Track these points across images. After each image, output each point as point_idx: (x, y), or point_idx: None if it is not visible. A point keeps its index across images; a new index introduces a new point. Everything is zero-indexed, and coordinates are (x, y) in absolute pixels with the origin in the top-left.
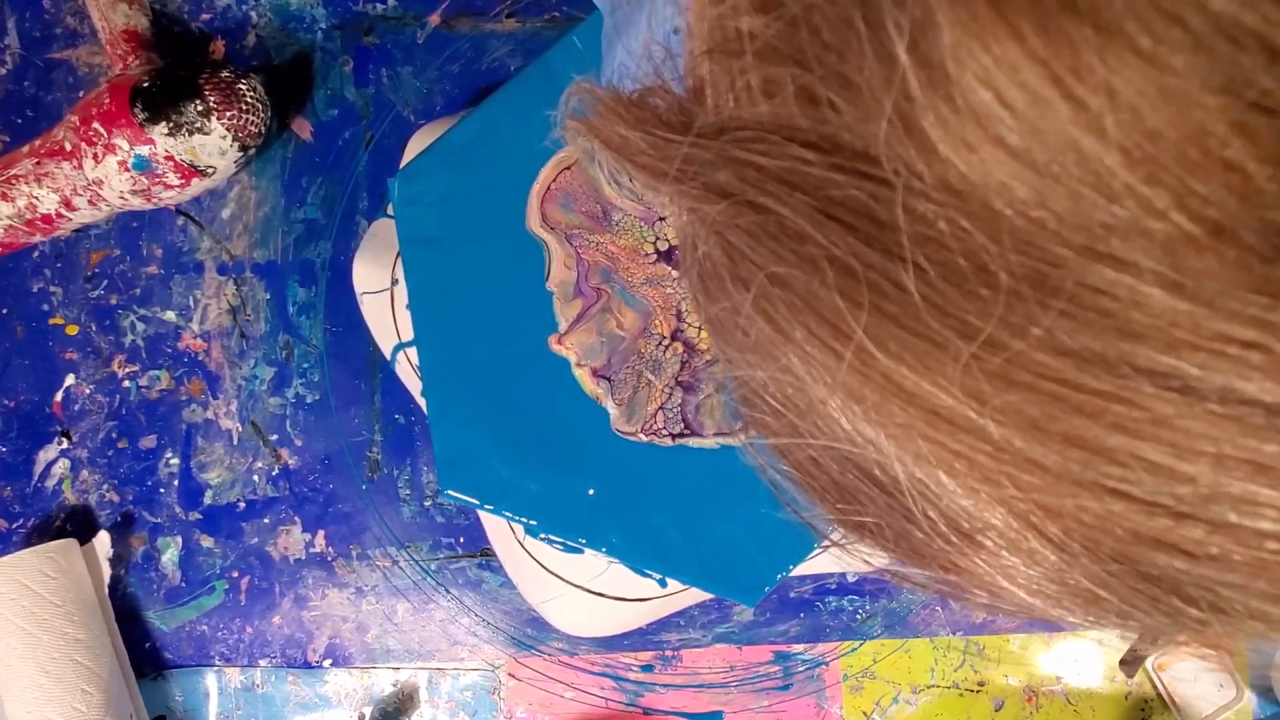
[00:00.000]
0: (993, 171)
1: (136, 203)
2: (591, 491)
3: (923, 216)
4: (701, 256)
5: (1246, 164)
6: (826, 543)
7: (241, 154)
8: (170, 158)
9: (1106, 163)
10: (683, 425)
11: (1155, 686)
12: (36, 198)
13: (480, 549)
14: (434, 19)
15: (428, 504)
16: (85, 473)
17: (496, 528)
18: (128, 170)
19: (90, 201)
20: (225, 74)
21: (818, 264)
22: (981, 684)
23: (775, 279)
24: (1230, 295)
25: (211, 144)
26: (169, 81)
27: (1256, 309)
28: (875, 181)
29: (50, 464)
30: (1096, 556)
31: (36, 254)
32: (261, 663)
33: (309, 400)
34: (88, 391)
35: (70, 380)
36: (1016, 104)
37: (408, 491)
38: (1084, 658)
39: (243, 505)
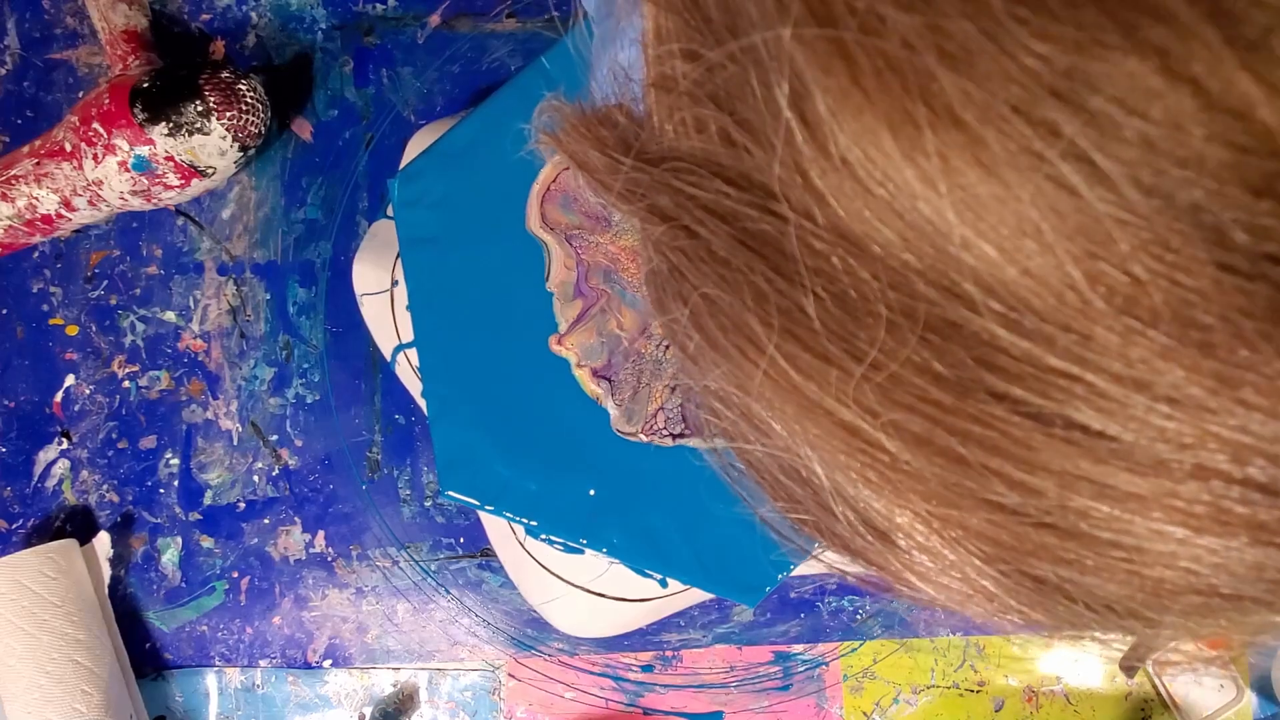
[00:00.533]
0: (867, 218)
1: (136, 203)
2: (592, 492)
3: (819, 252)
4: (652, 270)
5: (1056, 241)
6: (783, 541)
7: (241, 154)
8: (170, 158)
9: (949, 219)
10: (683, 425)
11: (1155, 687)
12: (36, 198)
13: (480, 549)
14: (434, 19)
15: (428, 504)
16: (85, 473)
17: (497, 528)
18: (128, 171)
19: (90, 202)
20: (225, 74)
21: (738, 286)
22: (981, 684)
23: (706, 298)
24: (1061, 334)
25: (211, 144)
26: (169, 82)
27: (1078, 347)
28: (779, 218)
29: (50, 464)
30: (988, 559)
31: (36, 254)
32: (261, 663)
33: (309, 400)
34: (88, 392)
35: (70, 380)
36: (879, 165)
37: (408, 492)
38: (1084, 658)
39: (243, 505)
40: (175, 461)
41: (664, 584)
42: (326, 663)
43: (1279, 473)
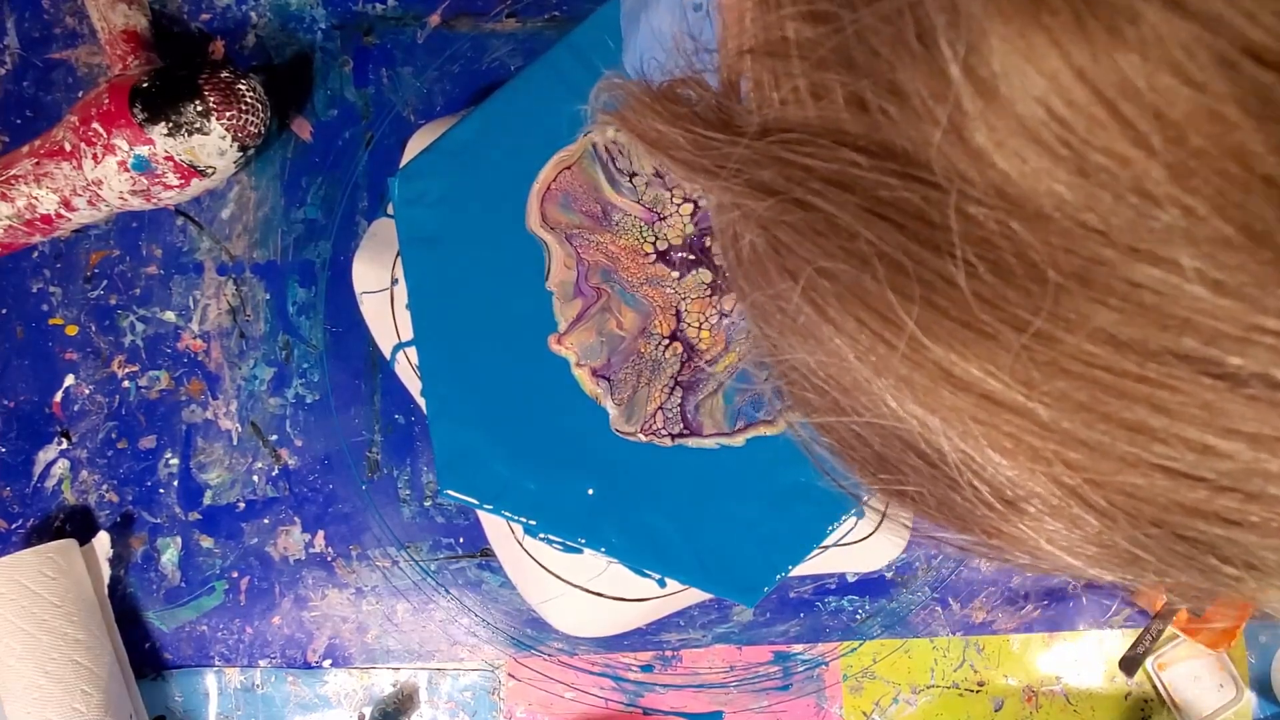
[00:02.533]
0: (1042, 179)
1: (136, 203)
2: (591, 491)
3: (973, 218)
4: (745, 246)
5: None
6: (869, 509)
7: (241, 154)
8: (170, 158)
9: (1152, 175)
10: (682, 425)
11: (1155, 686)
12: (36, 198)
13: (480, 549)
14: (434, 19)
15: (428, 504)
16: (85, 473)
17: (495, 527)
18: (127, 170)
19: (90, 202)
20: (225, 74)
21: (867, 259)
22: (981, 684)
23: (823, 272)
24: (1266, 292)
25: (211, 144)
26: (168, 82)
27: None
28: (926, 185)
29: (50, 464)
30: (1137, 522)
31: (36, 254)
32: (261, 663)
33: (309, 400)
34: (87, 392)
35: (70, 380)
36: (1066, 120)
37: (408, 492)
38: (1084, 658)
39: (242, 505)
40: (175, 461)
41: (662, 584)
42: (326, 663)
43: None
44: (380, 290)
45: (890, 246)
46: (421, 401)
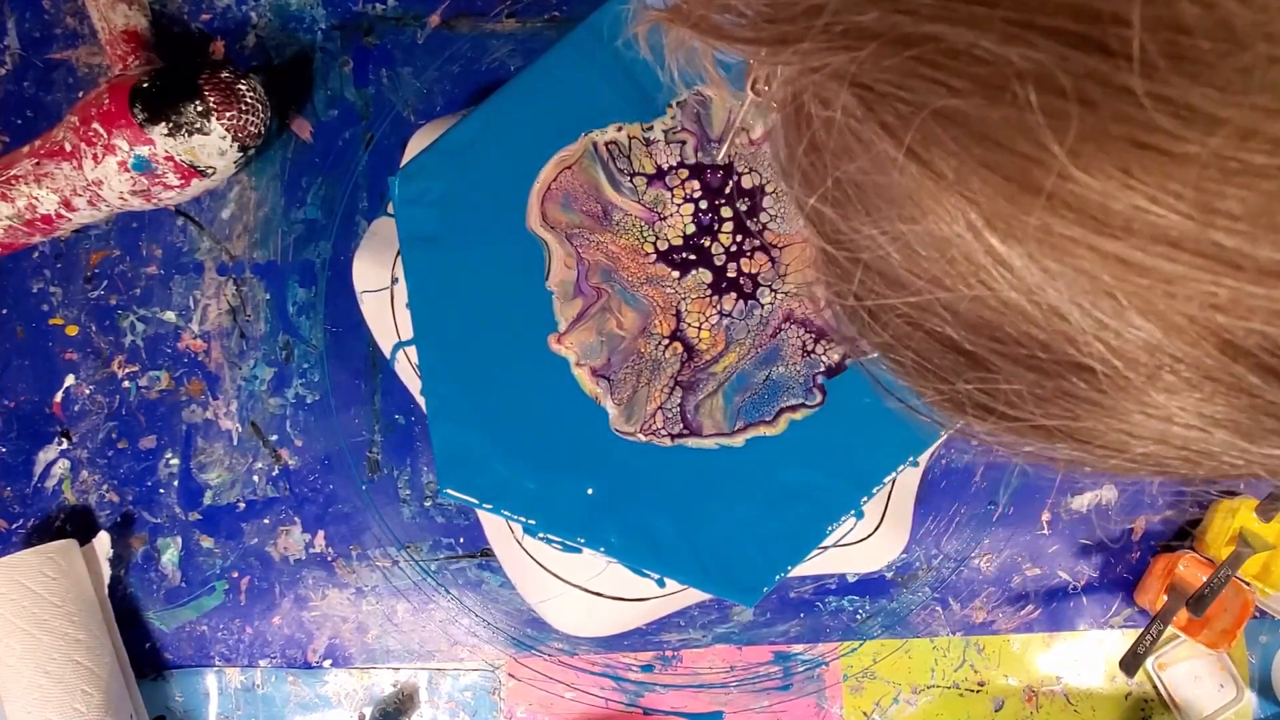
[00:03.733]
0: None
1: (136, 203)
2: (590, 491)
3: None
4: (823, 121)
5: None
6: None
7: (241, 154)
8: (170, 158)
9: None
10: (682, 425)
11: (1155, 686)
12: (36, 198)
13: (480, 549)
14: (434, 19)
15: (428, 504)
16: (85, 473)
17: (495, 527)
18: (127, 171)
19: (90, 202)
20: (225, 74)
21: (1003, 86)
22: (981, 684)
23: (941, 114)
24: None
25: (211, 144)
26: (168, 82)
27: None
28: None
29: (50, 464)
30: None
31: (36, 254)
32: (261, 663)
33: (309, 400)
34: (88, 392)
35: (70, 380)
36: None
37: (408, 492)
38: (1084, 658)
39: (243, 505)
40: (175, 461)
41: (661, 584)
42: (326, 663)
43: None
44: (380, 289)
45: (1040, 59)
46: (421, 401)
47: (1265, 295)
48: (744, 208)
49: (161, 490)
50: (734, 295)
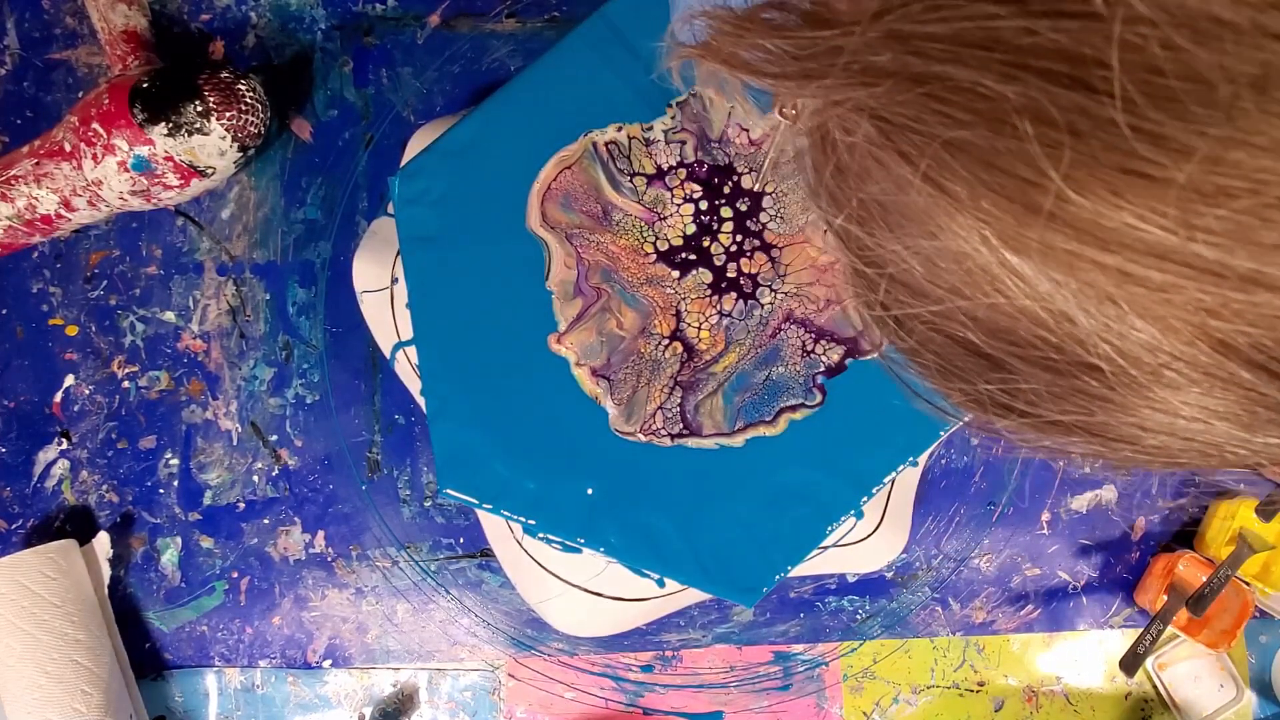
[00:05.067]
0: None
1: (136, 203)
2: (590, 491)
3: (1132, 44)
4: (846, 147)
5: None
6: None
7: (241, 154)
8: (170, 158)
9: None
10: (682, 425)
11: (1155, 686)
12: (36, 198)
13: (480, 549)
14: (434, 19)
15: (428, 504)
16: (85, 473)
17: (495, 527)
18: (127, 171)
19: (90, 202)
20: (224, 74)
21: (1003, 118)
22: (981, 684)
23: (950, 145)
24: None
25: (211, 144)
26: (168, 82)
27: None
28: (1080, 18)
29: (50, 464)
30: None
31: (36, 254)
32: (261, 663)
33: (309, 401)
34: (87, 392)
35: (70, 381)
36: None
37: (408, 492)
38: (1084, 658)
39: (242, 506)
40: (175, 461)
41: (661, 584)
42: (326, 663)
43: None
44: (380, 289)
45: (1034, 96)
46: (421, 401)
47: (1247, 300)
48: (744, 208)
49: (161, 490)
50: (734, 295)
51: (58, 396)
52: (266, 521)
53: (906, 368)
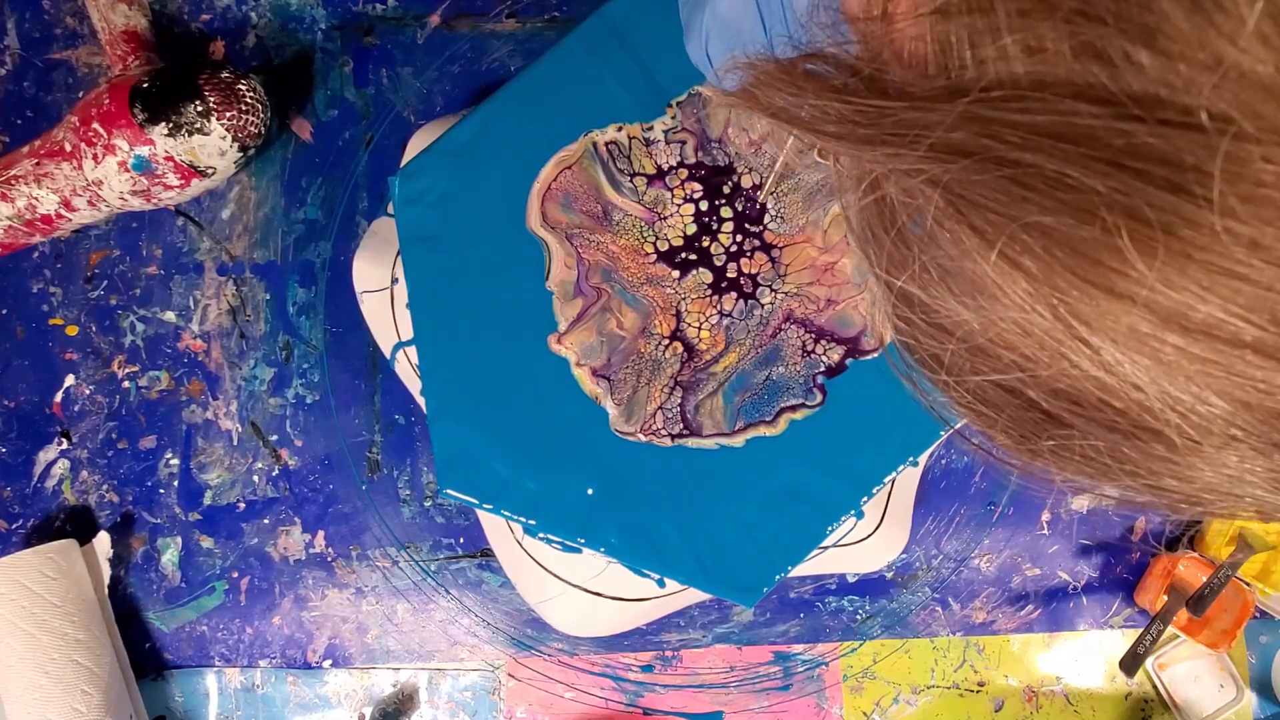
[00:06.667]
0: None
1: (136, 203)
2: (590, 491)
3: (1235, 157)
4: (912, 211)
5: None
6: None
7: (241, 154)
8: (170, 158)
9: None
10: (682, 425)
11: (1155, 687)
12: (36, 198)
13: (480, 549)
14: (434, 19)
15: (428, 504)
16: (85, 473)
17: (495, 527)
18: (127, 171)
19: (90, 202)
20: (225, 74)
21: (1092, 211)
22: (981, 684)
23: (1032, 228)
24: None
25: (211, 144)
26: (168, 82)
27: None
28: (1182, 129)
29: (50, 464)
30: None
31: (36, 254)
32: (261, 663)
33: (309, 401)
34: (88, 392)
35: (70, 381)
36: None
37: (408, 492)
38: (1084, 658)
39: (243, 506)
40: (175, 461)
41: (661, 584)
42: (326, 663)
43: None
44: (380, 289)
45: (1127, 194)
46: (421, 401)
47: None
48: (743, 208)
49: (161, 490)
50: (734, 295)
51: (58, 396)
52: (266, 521)
53: (955, 410)
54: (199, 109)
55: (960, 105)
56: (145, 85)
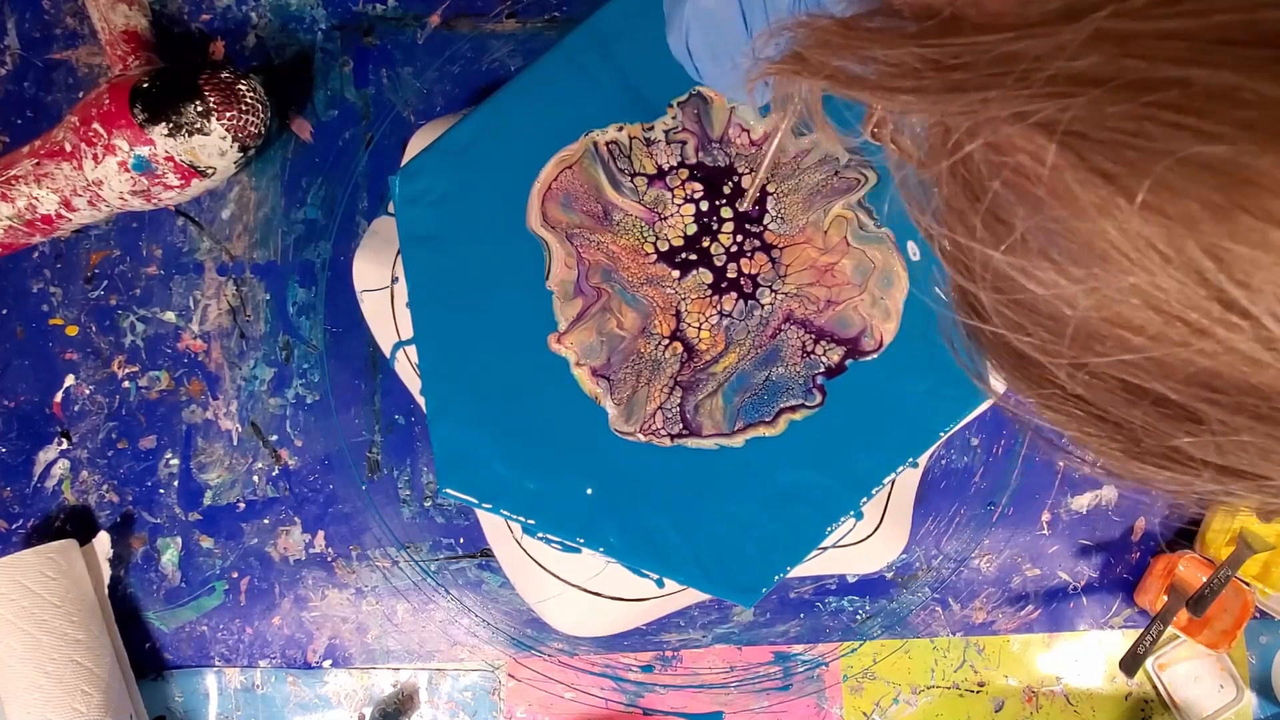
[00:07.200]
0: None
1: (136, 203)
2: (590, 491)
3: None
4: (1013, 168)
5: None
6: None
7: (241, 154)
8: (170, 158)
9: None
10: (681, 425)
11: (1155, 687)
12: (36, 198)
13: (480, 549)
14: (434, 19)
15: (427, 504)
16: (85, 473)
17: (494, 526)
18: (128, 171)
19: (90, 202)
20: (225, 75)
21: (1275, 131)
22: (981, 684)
23: (1188, 160)
24: None
25: (211, 145)
26: (169, 82)
27: None
28: None
29: (50, 464)
30: None
31: (36, 254)
32: (261, 663)
33: (309, 401)
34: (88, 392)
35: (70, 381)
36: None
37: (408, 492)
38: (1084, 658)
39: (242, 506)
40: (175, 461)
41: (661, 584)
42: (326, 663)
43: None
44: (380, 289)
45: None
46: (421, 401)
47: None
48: (744, 208)
49: (161, 490)
50: (734, 295)
51: (58, 396)
52: (266, 521)
53: (1034, 412)
54: (199, 109)
55: (1092, 22)
56: (145, 85)
